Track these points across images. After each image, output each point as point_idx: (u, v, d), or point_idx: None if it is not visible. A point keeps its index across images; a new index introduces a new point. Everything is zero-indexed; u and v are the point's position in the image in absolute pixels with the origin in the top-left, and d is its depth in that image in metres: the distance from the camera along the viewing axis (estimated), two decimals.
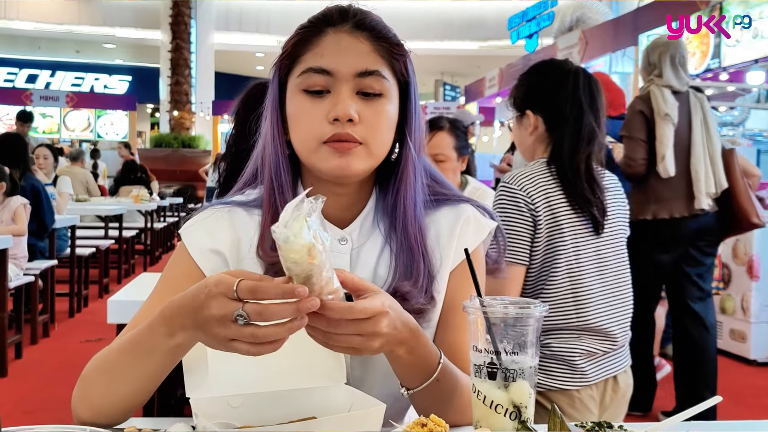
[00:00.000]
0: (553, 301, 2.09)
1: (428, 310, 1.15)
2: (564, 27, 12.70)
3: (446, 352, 1.15)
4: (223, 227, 1.18)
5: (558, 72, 2.24)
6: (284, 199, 1.14)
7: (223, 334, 0.88)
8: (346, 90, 1.09)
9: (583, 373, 2.07)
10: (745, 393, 4.55)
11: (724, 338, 5.37)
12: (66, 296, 6.31)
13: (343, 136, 1.08)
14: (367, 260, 1.18)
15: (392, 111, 1.14)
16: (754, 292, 5.11)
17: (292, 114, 1.13)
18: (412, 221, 1.16)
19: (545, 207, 2.11)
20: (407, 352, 1.01)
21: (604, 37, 10.62)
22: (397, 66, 1.14)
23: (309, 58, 1.11)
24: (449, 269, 1.20)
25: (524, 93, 2.30)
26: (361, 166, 1.11)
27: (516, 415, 0.92)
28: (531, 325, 0.93)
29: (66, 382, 4.27)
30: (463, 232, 1.20)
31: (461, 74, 23.50)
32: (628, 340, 2.23)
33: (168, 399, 2.41)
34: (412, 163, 1.17)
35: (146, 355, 1.00)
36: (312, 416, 1.04)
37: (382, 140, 1.13)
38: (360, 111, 1.09)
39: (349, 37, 1.12)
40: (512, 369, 0.92)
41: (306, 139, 1.11)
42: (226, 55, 21.74)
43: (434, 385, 1.05)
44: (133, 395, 1.05)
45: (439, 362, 1.06)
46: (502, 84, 14.55)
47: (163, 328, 0.96)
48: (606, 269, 2.16)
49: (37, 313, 5.37)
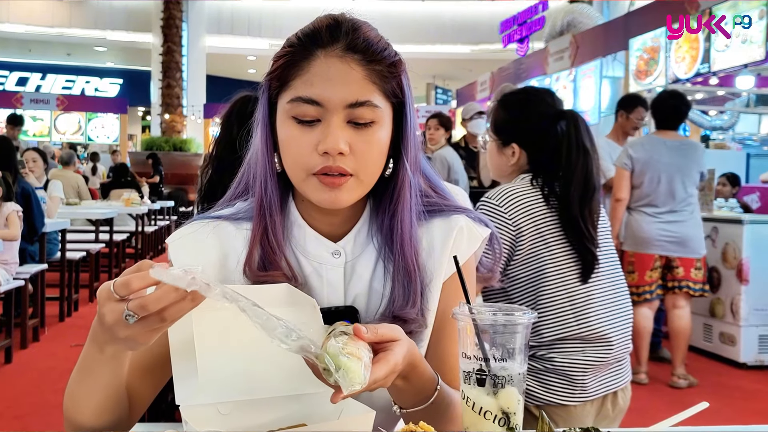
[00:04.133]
0: (552, 312, 2.09)
1: (420, 332, 1.15)
2: (555, 31, 12.73)
3: (436, 362, 1.16)
4: (210, 245, 1.16)
5: (543, 110, 2.23)
6: (273, 217, 1.13)
7: (128, 334, 0.88)
8: (336, 121, 1.05)
9: (583, 388, 2.07)
10: (735, 396, 4.57)
11: (714, 341, 5.39)
12: (56, 300, 6.28)
13: (333, 169, 1.06)
14: (362, 274, 1.18)
15: (384, 137, 1.10)
16: (744, 295, 5.14)
17: (283, 140, 1.11)
18: (409, 241, 1.15)
19: (529, 224, 2.11)
20: (403, 380, 1.01)
21: (595, 41, 10.65)
22: (390, 88, 1.10)
23: (298, 85, 1.07)
24: (442, 280, 1.19)
25: (510, 126, 2.29)
26: (351, 197, 1.10)
27: (505, 422, 0.93)
28: (520, 332, 0.93)
29: (56, 387, 4.27)
30: (457, 243, 1.19)
31: (453, 78, 23.52)
32: (629, 351, 2.23)
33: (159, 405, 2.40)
34: (408, 182, 1.15)
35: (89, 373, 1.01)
36: (302, 423, 1.04)
37: (373, 170, 1.11)
38: (351, 141, 1.06)
39: (340, 63, 1.06)
40: (501, 375, 0.92)
41: (296, 168, 1.09)
42: (217, 58, 21.70)
43: (428, 408, 1.06)
44: (102, 405, 1.05)
45: (436, 388, 1.06)
46: (493, 88, 14.56)
47: (93, 346, 0.97)
48: (601, 275, 2.17)
49: (27, 317, 5.35)
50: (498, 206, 2.13)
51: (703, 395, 4.35)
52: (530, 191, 2.17)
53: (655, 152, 4.60)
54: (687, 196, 4.59)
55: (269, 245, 1.14)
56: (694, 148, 4.75)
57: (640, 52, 8.72)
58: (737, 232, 5.22)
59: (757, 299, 5.15)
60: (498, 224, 2.11)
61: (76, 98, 22.35)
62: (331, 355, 0.87)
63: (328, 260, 1.16)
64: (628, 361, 2.24)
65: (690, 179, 4.60)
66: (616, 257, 2.27)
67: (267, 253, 1.13)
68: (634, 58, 8.85)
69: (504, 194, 2.15)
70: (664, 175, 4.56)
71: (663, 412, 0.96)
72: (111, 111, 21.70)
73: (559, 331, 2.08)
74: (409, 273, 1.14)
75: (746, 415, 4.17)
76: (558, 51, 11.54)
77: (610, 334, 2.11)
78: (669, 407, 3.96)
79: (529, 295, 2.12)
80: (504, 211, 2.12)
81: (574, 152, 2.15)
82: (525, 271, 2.12)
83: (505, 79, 13.70)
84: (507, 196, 2.14)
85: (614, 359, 2.14)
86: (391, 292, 1.14)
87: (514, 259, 2.12)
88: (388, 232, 1.16)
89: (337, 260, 1.17)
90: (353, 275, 1.17)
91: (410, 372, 1.01)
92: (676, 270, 4.60)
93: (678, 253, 4.58)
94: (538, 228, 2.12)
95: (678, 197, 4.57)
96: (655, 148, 4.62)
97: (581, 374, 2.07)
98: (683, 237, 4.57)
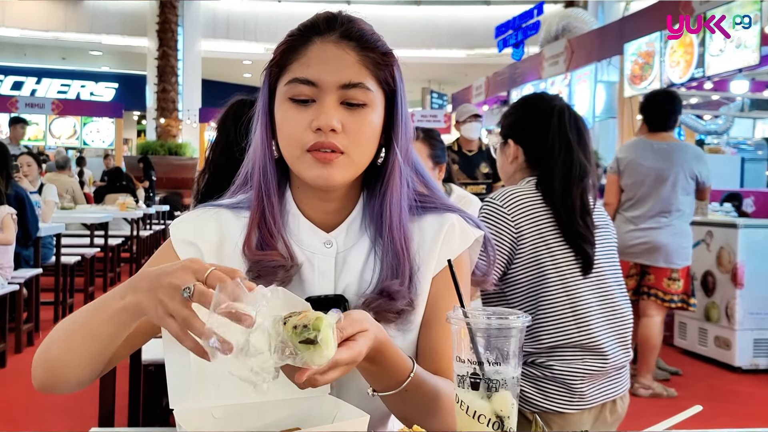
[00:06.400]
0: (553, 318, 2.08)
1: (409, 311, 1.17)
2: (550, 35, 12.75)
3: (428, 356, 1.18)
4: (210, 228, 1.21)
5: (543, 107, 2.25)
6: (271, 201, 1.18)
7: (167, 304, 0.92)
8: (330, 101, 1.11)
9: (582, 395, 2.06)
10: (730, 400, 4.57)
11: (709, 345, 5.40)
12: (51, 305, 6.27)
13: (326, 145, 1.10)
14: (354, 264, 1.20)
15: (376, 120, 1.15)
16: (739, 299, 5.14)
17: (279, 121, 1.16)
18: (398, 225, 1.18)
19: (531, 226, 2.11)
20: (370, 363, 1.02)
21: (590, 45, 10.68)
22: (383, 75, 1.16)
23: (296, 67, 1.13)
24: (432, 274, 1.21)
25: (509, 123, 2.33)
26: (343, 175, 1.13)
27: (499, 425, 0.93)
28: (514, 336, 0.93)
29: None
30: (447, 239, 1.21)
31: (448, 82, 23.56)
32: (629, 359, 2.23)
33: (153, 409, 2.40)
34: (399, 168, 1.19)
35: (97, 311, 1.05)
36: (296, 427, 1.04)
37: (364, 150, 1.15)
38: (343, 121, 1.11)
39: (335, 47, 1.13)
40: (495, 379, 0.92)
41: (290, 146, 1.14)
42: (213, 63, 21.70)
43: (403, 395, 1.06)
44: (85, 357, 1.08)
45: (410, 375, 1.06)
46: (488, 92, 14.59)
47: (120, 289, 1.01)
48: (603, 285, 2.16)
49: (21, 321, 5.34)
50: (501, 207, 2.13)
51: (698, 399, 4.35)
52: (534, 194, 2.17)
53: (639, 155, 4.47)
54: (673, 202, 4.41)
55: (266, 229, 1.18)
56: (682, 151, 4.50)
57: (635, 57, 8.74)
58: (732, 236, 5.23)
59: (752, 303, 5.16)
60: (500, 225, 2.11)
61: (71, 102, 22.28)
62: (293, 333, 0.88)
63: (320, 250, 1.19)
64: (627, 370, 2.23)
65: (678, 184, 4.41)
66: (617, 266, 2.27)
67: (264, 236, 1.18)
68: (629, 62, 8.87)
69: (507, 195, 2.16)
70: (647, 178, 4.43)
71: (658, 416, 0.96)
72: (106, 115, 21.65)
73: (558, 337, 2.08)
74: (397, 254, 1.17)
75: (741, 419, 4.18)
76: (553, 55, 11.57)
77: (605, 345, 2.10)
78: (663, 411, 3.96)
79: (529, 300, 2.12)
80: (506, 212, 2.12)
81: (557, 144, 2.18)
82: (526, 274, 2.11)
83: (501, 83, 13.73)
84: (509, 198, 2.15)
85: (612, 368, 2.13)
86: (380, 271, 1.17)
87: (515, 261, 2.12)
88: (378, 216, 1.19)
89: (328, 250, 1.19)
90: (345, 266, 1.20)
91: (377, 356, 1.02)
92: (648, 276, 4.49)
93: (649, 261, 4.45)
94: (539, 229, 2.12)
95: (662, 203, 4.41)
96: (640, 150, 4.49)
97: (579, 382, 2.06)
98: (656, 245, 4.41)
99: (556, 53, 11.46)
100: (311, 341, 0.87)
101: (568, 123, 2.20)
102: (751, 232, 5.22)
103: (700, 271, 5.45)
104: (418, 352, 1.21)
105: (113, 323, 1.03)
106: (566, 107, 2.25)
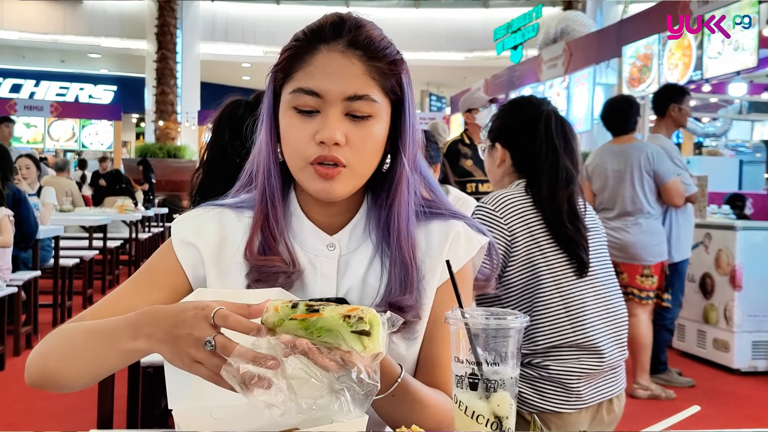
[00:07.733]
0: (548, 319, 2.09)
1: (415, 322, 1.17)
2: (549, 38, 12.77)
3: (428, 366, 1.18)
4: (211, 228, 1.20)
5: (530, 112, 2.26)
6: (275, 204, 1.17)
7: (193, 354, 0.93)
8: (334, 112, 1.09)
9: (579, 395, 2.07)
10: (729, 402, 4.57)
11: (707, 347, 5.40)
12: (49, 307, 6.26)
13: (329, 158, 1.09)
14: (356, 268, 1.19)
15: (380, 131, 1.14)
16: (737, 301, 5.15)
17: (284, 129, 1.14)
18: (406, 236, 1.17)
19: (524, 230, 2.13)
20: None
21: (588, 48, 10.69)
22: (390, 84, 1.13)
23: (300, 76, 1.11)
24: (437, 284, 1.20)
25: (497, 127, 2.35)
26: (345, 188, 1.13)
27: (497, 426, 0.93)
28: (512, 336, 0.93)
29: (49, 394, 4.26)
30: (453, 248, 1.20)
31: (447, 85, 23.56)
32: (624, 358, 2.23)
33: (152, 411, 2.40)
34: (406, 178, 1.17)
35: (103, 340, 1.04)
36: (295, 427, 1.04)
37: (368, 162, 1.14)
38: (347, 133, 1.10)
39: (341, 57, 1.10)
40: (493, 380, 0.92)
41: (294, 157, 1.13)
42: (212, 65, 21.70)
43: (390, 400, 1.07)
44: (85, 375, 1.09)
45: (397, 380, 1.07)
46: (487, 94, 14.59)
47: (130, 329, 1.00)
48: (596, 283, 2.18)
49: (20, 324, 5.33)
50: (493, 211, 2.14)
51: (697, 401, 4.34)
52: (524, 198, 2.18)
53: (603, 159, 4.63)
54: (636, 201, 4.49)
55: (269, 232, 1.17)
56: (636, 151, 4.53)
57: (633, 60, 8.75)
58: (730, 239, 5.23)
59: (751, 305, 5.16)
60: (493, 229, 2.11)
61: (69, 105, 22.27)
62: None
63: (323, 252, 1.19)
64: (623, 369, 2.24)
65: (639, 183, 4.48)
66: (610, 266, 2.28)
67: (267, 239, 1.17)
68: (627, 65, 8.88)
69: (498, 200, 2.17)
70: (610, 180, 4.57)
71: (656, 418, 0.97)
72: (105, 118, 21.64)
73: (555, 337, 2.09)
74: (406, 265, 1.16)
75: (739, 420, 4.18)
76: (551, 58, 11.58)
77: (601, 344, 2.11)
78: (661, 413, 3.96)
79: (523, 302, 2.13)
80: (499, 216, 2.13)
81: (544, 150, 2.19)
82: (520, 277, 2.12)
83: (499, 86, 13.74)
84: (501, 202, 2.16)
85: (608, 367, 2.14)
86: (388, 283, 1.16)
87: (509, 265, 2.13)
88: (384, 226, 1.18)
89: (331, 253, 1.19)
90: (347, 269, 1.19)
91: None
92: (621, 276, 4.52)
93: (619, 259, 4.49)
94: (532, 233, 2.13)
95: (627, 203, 4.50)
96: (604, 155, 4.66)
97: (576, 382, 2.07)
98: (624, 243, 4.49)
99: (555, 56, 11.47)
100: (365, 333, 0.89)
101: (554, 129, 2.21)
102: (749, 234, 5.23)
103: (699, 273, 5.45)
104: (418, 365, 1.20)
105: (122, 359, 1.04)
106: (553, 113, 2.26)
